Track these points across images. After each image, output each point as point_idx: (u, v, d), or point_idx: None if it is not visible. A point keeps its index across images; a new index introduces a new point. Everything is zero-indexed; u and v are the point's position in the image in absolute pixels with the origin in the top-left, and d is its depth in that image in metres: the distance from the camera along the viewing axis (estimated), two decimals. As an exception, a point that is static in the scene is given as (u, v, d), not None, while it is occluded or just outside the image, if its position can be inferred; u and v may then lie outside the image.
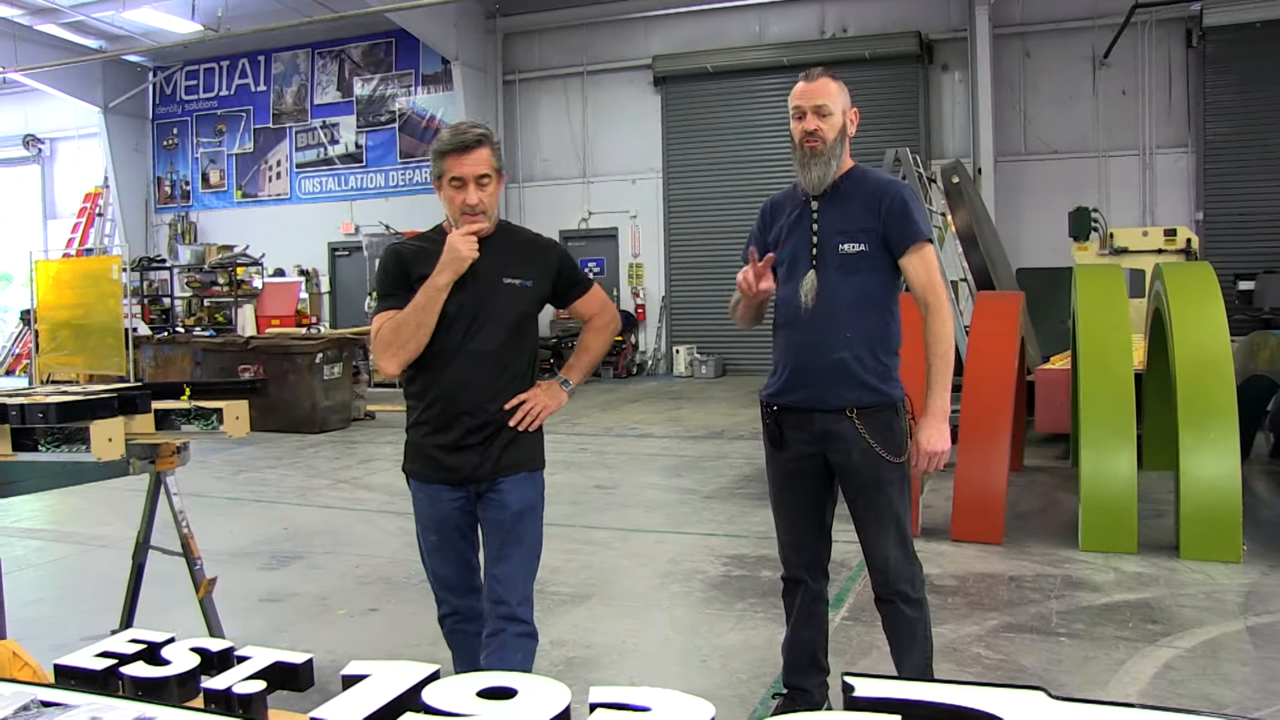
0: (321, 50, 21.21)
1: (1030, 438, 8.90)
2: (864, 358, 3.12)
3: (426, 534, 3.08)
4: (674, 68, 18.51)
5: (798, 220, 3.23)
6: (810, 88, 3.16)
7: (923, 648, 3.27)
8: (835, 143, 3.14)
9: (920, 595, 3.25)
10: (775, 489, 3.38)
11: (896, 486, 3.17)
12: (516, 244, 3.12)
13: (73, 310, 14.71)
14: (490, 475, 2.99)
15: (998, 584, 5.20)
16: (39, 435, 2.94)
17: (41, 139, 24.24)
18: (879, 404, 3.13)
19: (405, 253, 3.05)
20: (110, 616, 4.46)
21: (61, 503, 7.62)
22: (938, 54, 17.07)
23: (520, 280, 3.03)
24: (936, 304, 3.13)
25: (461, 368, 2.96)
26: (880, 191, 3.16)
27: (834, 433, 3.14)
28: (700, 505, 7.34)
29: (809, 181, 3.17)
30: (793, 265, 3.21)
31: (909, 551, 3.23)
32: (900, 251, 3.13)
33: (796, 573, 3.37)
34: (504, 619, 2.97)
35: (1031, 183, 16.27)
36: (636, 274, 19.25)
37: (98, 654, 1.69)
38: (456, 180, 2.90)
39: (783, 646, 3.48)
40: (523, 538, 3.03)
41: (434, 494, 3.03)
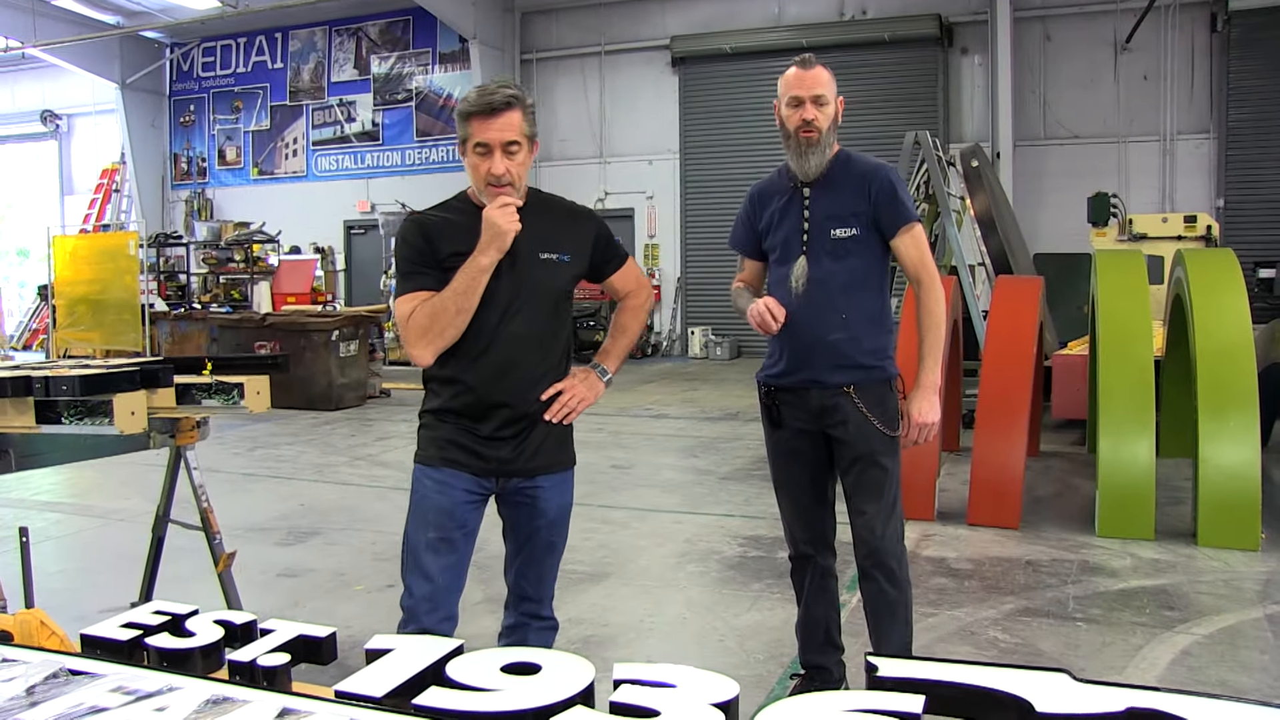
0: (339, 28, 21.17)
1: (1046, 423, 8.87)
2: (859, 338, 3.17)
3: (425, 530, 2.74)
4: (692, 48, 18.42)
5: (787, 206, 3.27)
6: (809, 76, 3.17)
7: (903, 632, 3.28)
8: (829, 131, 3.18)
9: (905, 575, 3.28)
10: (776, 468, 3.42)
11: (890, 461, 3.21)
12: (551, 214, 2.83)
13: (89, 286, 14.76)
14: (525, 471, 2.76)
15: (1014, 568, 5.19)
16: (62, 408, 2.95)
17: (59, 115, 24.28)
18: (873, 380, 3.18)
19: (429, 225, 2.73)
20: (129, 589, 4.49)
21: (80, 476, 7.66)
22: (957, 37, 16.94)
23: (558, 255, 2.77)
24: (929, 281, 3.20)
25: (500, 353, 2.69)
26: (869, 176, 3.20)
27: (830, 407, 3.18)
28: (716, 486, 7.34)
29: (804, 170, 3.20)
30: (785, 251, 3.25)
31: (898, 530, 3.26)
32: (891, 233, 3.18)
33: (803, 549, 3.40)
34: (529, 615, 2.90)
35: (1050, 168, 16.16)
36: (652, 255, 19.21)
37: (123, 624, 1.71)
38: (481, 146, 2.60)
39: (796, 627, 3.50)
40: (556, 544, 2.91)
41: (446, 481, 2.74)
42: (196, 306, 16.07)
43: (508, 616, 2.93)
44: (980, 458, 6.12)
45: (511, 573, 2.91)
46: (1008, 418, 6.10)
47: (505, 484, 2.77)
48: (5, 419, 3.08)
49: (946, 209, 9.83)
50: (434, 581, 2.71)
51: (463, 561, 2.79)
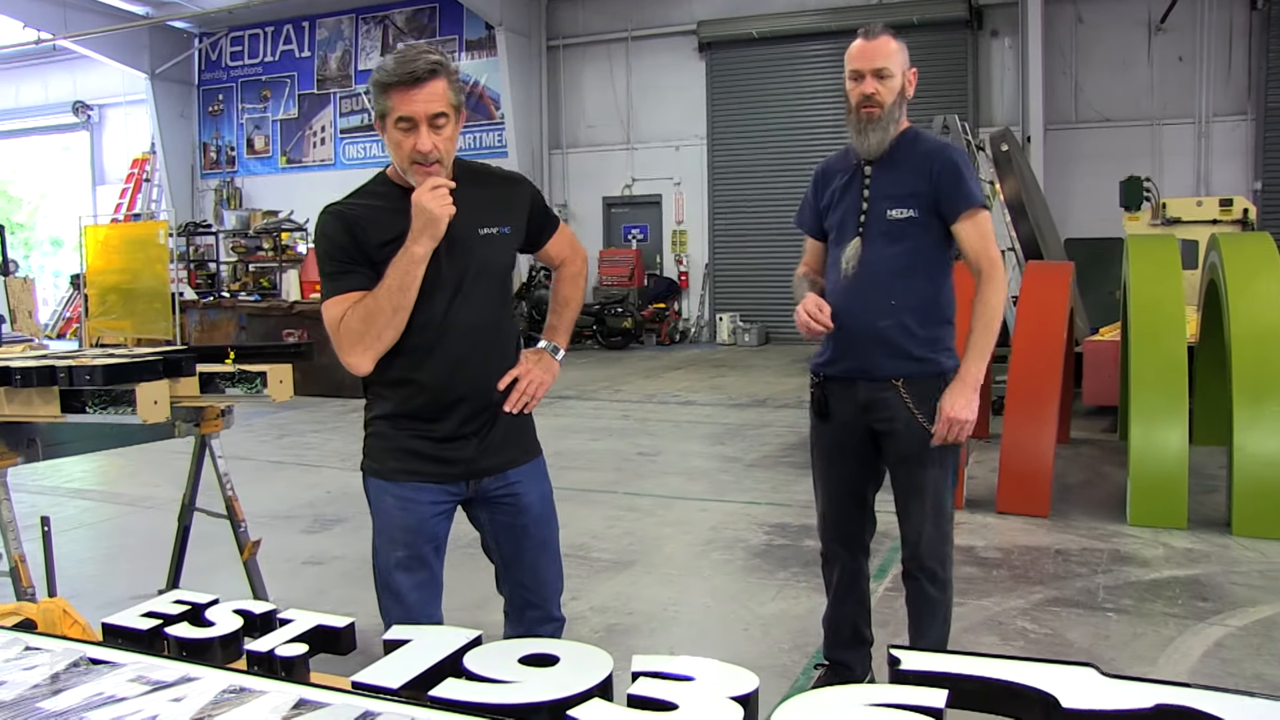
0: (365, 15, 21.22)
1: (1077, 410, 8.78)
2: (910, 326, 3.01)
3: (392, 549, 2.52)
4: (719, 33, 18.34)
5: (848, 185, 3.12)
6: (870, 47, 2.98)
7: (940, 630, 3.20)
8: (894, 106, 2.99)
9: (948, 576, 3.18)
10: (818, 460, 3.30)
11: (940, 461, 3.06)
12: (483, 184, 2.56)
13: (120, 275, 14.89)
14: (495, 468, 2.55)
15: (1043, 557, 5.13)
16: (86, 397, 2.96)
17: (90, 106, 24.53)
18: (925, 374, 3.02)
19: (352, 216, 2.44)
20: (157, 577, 4.52)
21: (110, 464, 7.74)
22: (987, 19, 16.77)
23: (498, 228, 2.52)
24: (990, 271, 2.98)
25: (451, 346, 2.46)
26: (932, 155, 3.02)
27: (878, 401, 3.05)
28: (743, 473, 7.31)
29: (865, 148, 3.03)
30: (841, 231, 3.11)
31: (944, 530, 3.14)
32: (952, 217, 2.99)
33: (833, 548, 3.31)
34: (537, 621, 2.69)
35: (1082, 151, 15.98)
36: (680, 241, 19.18)
37: (144, 614, 1.70)
38: (404, 121, 2.32)
39: (823, 620, 3.43)
40: (548, 541, 2.69)
41: (410, 497, 2.51)
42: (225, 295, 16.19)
43: (511, 626, 2.71)
44: (1009, 445, 6.06)
45: (507, 584, 2.70)
46: (1037, 404, 6.04)
47: (477, 486, 2.56)
48: (31, 408, 3.09)
49: (976, 194, 9.71)
50: (406, 601, 2.52)
51: (436, 576, 2.59)
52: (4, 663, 1.54)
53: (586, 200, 19.83)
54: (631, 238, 19.65)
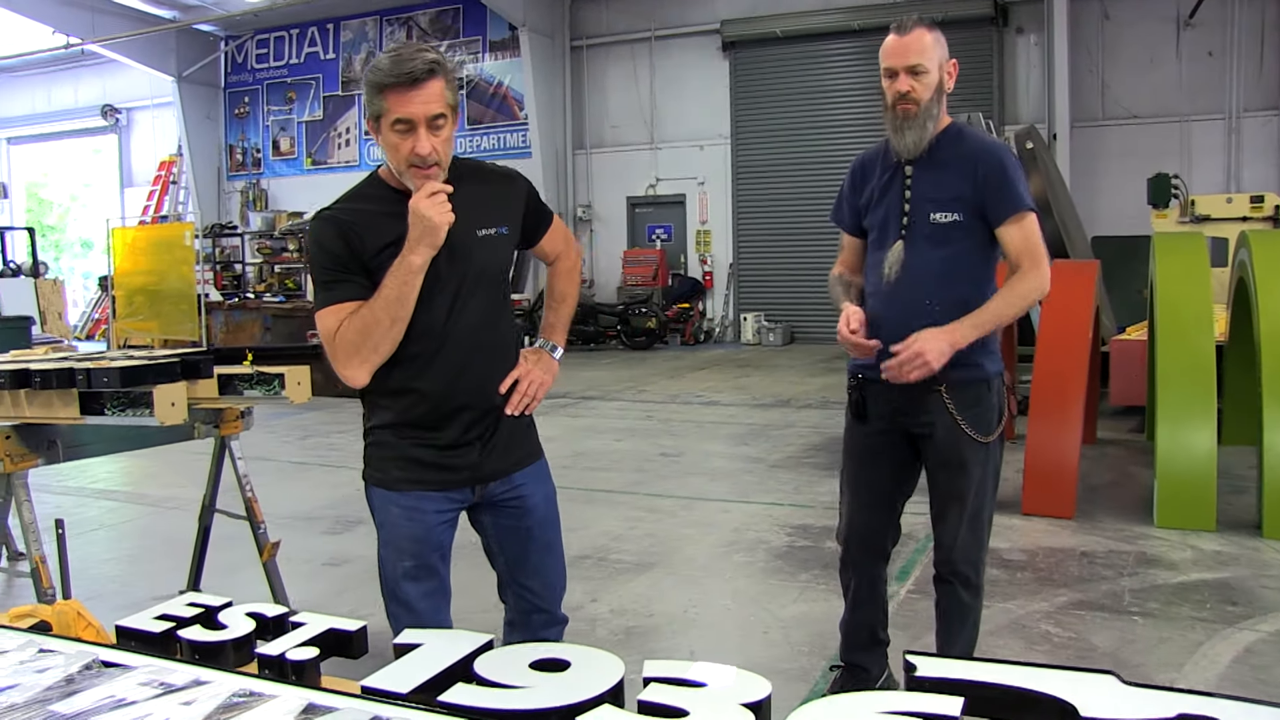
0: (389, 17, 21.31)
1: (1104, 410, 8.69)
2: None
3: (399, 559, 2.47)
4: (742, 32, 18.28)
5: (889, 185, 3.01)
6: (903, 43, 2.87)
7: (970, 636, 3.15)
8: (931, 102, 2.86)
9: (980, 582, 3.12)
10: (850, 463, 3.21)
11: (982, 467, 2.98)
12: (479, 183, 2.48)
13: (147, 276, 14.99)
14: (500, 472, 2.51)
15: (1068, 559, 5.07)
16: (105, 399, 2.97)
17: (119, 109, 24.77)
18: (968, 379, 2.93)
19: (346, 223, 2.35)
20: (179, 577, 4.54)
21: (135, 465, 7.79)
22: (1013, 16, 16.64)
23: (496, 228, 2.46)
24: (1032, 265, 2.85)
25: (455, 352, 2.41)
26: (978, 156, 2.89)
27: (919, 405, 2.96)
28: (766, 474, 7.27)
29: (903, 147, 2.92)
30: (882, 233, 3.01)
31: (980, 536, 3.07)
32: (998, 221, 2.87)
33: (854, 554, 3.24)
34: (544, 626, 2.65)
35: (1109, 149, 15.82)
36: (704, 241, 19.15)
37: (157, 616, 1.70)
38: (402, 123, 2.24)
39: (841, 624, 3.37)
40: (552, 544, 2.65)
41: (415, 506, 2.46)
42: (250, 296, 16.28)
43: (519, 634, 2.64)
44: (1034, 445, 5.99)
45: (512, 590, 2.64)
46: (1062, 404, 5.97)
47: (483, 491, 2.52)
48: (51, 410, 3.11)
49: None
50: (416, 610, 2.46)
51: (444, 583, 2.55)
52: (18, 665, 1.55)
53: (610, 200, 19.83)
54: (656, 238, 19.64)
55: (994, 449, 3.01)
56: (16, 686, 1.46)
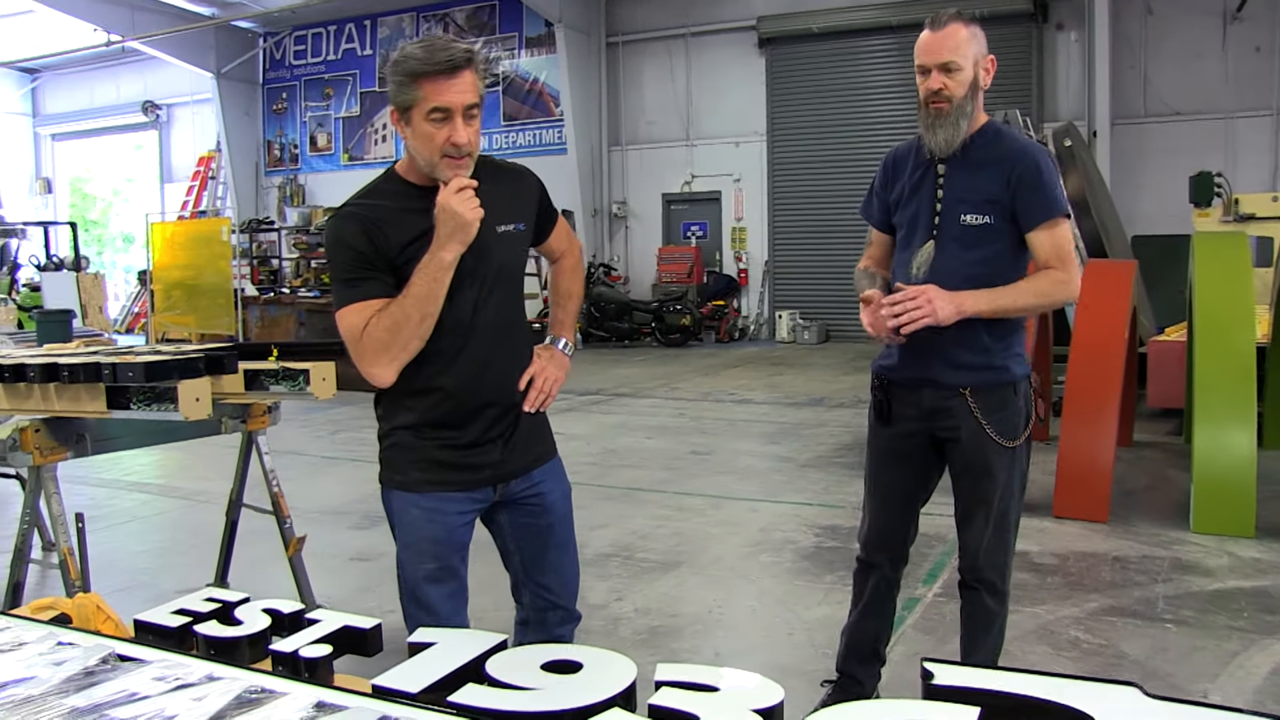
0: (426, 14, 21.41)
1: (1141, 412, 8.57)
2: (980, 336, 2.85)
3: (420, 561, 2.45)
4: (779, 29, 18.21)
5: (921, 183, 2.94)
6: (936, 39, 2.80)
7: (995, 642, 3.10)
8: (965, 100, 2.80)
9: (1006, 589, 3.07)
10: (874, 465, 3.17)
11: (1007, 472, 2.93)
12: (494, 179, 2.45)
13: (185, 271, 15.17)
14: (521, 470, 2.50)
15: (1100, 564, 5.00)
16: (132, 394, 2.99)
17: (160, 105, 25.11)
18: (994, 383, 2.89)
19: (369, 219, 2.32)
20: (208, 570, 4.58)
21: (168, 458, 7.87)
22: (1053, 12, 16.45)
23: (514, 225, 2.46)
24: (1060, 268, 2.80)
25: (478, 349, 2.40)
26: (1013, 158, 2.83)
27: (943, 409, 2.91)
28: (796, 473, 7.23)
29: (935, 145, 2.86)
30: (910, 232, 2.95)
31: (1006, 541, 3.02)
32: (1029, 225, 2.81)
33: (876, 557, 3.20)
34: (561, 622, 2.64)
35: (1150, 146, 15.60)
36: (739, 238, 19.10)
37: (175, 611, 1.71)
38: (439, 112, 2.23)
39: (844, 630, 3.31)
40: (568, 542, 2.64)
41: (437, 508, 2.44)
42: (285, 291, 16.41)
43: (532, 633, 2.64)
44: (1067, 447, 5.91)
45: (528, 589, 2.63)
46: (1097, 406, 5.89)
47: (504, 490, 2.51)
48: (79, 404, 3.14)
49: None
50: (437, 613, 2.45)
51: (463, 584, 2.53)
52: (36, 656, 1.57)
53: (646, 197, 19.82)
54: (691, 235, 19.61)
55: (1020, 453, 2.96)
56: (34, 679, 1.47)
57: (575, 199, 18.53)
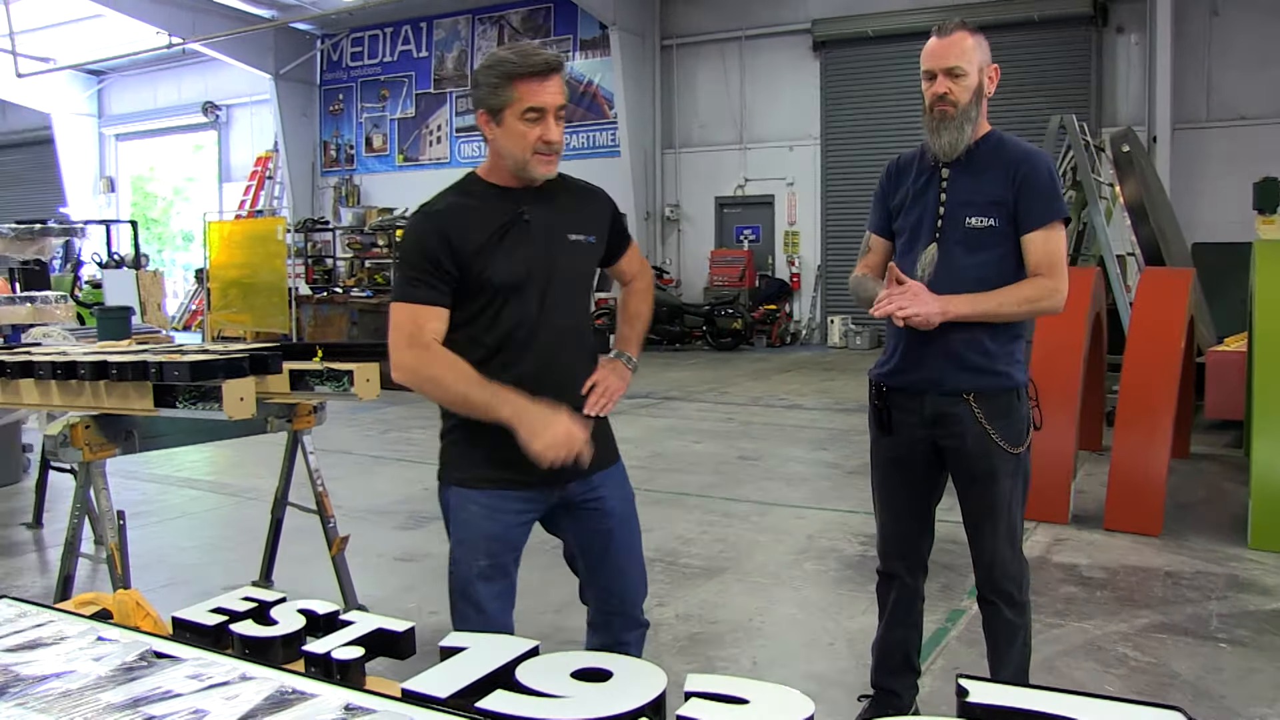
0: (481, 16, 21.56)
1: (1199, 423, 8.40)
2: (983, 340, 2.86)
3: (474, 558, 2.49)
4: (833, 32, 18.11)
5: (925, 187, 2.97)
6: (942, 46, 2.86)
7: (1021, 654, 3.06)
8: (969, 105, 2.84)
9: (1025, 599, 3.04)
10: (879, 475, 3.16)
11: (1012, 479, 2.93)
12: (569, 192, 2.58)
13: (241, 270, 15.39)
14: (583, 473, 2.50)
15: (1152, 579, 4.89)
16: (179, 392, 3.03)
17: (219, 106, 25.51)
18: (998, 389, 2.90)
19: (449, 220, 2.44)
20: (253, 567, 4.64)
21: (220, 455, 7.98)
22: (1113, 15, 16.17)
23: (585, 236, 2.57)
24: (1049, 275, 2.82)
25: (543, 350, 2.48)
26: (1018, 161, 2.86)
27: (948, 416, 2.91)
28: (843, 480, 7.17)
29: (939, 148, 2.89)
30: (914, 235, 2.97)
31: (1018, 550, 3.01)
32: (1027, 227, 2.83)
33: (894, 567, 3.18)
34: (626, 628, 2.69)
35: (1213, 151, 15.26)
36: (792, 242, 19.02)
37: (212, 609, 1.73)
38: (534, 111, 2.35)
39: (873, 645, 3.29)
40: (631, 548, 2.68)
41: (496, 505, 2.49)
42: (339, 290, 16.58)
43: (598, 636, 2.70)
44: (1120, 457, 5.80)
45: (593, 591, 2.69)
46: (1150, 416, 5.77)
47: (562, 493, 2.55)
48: (128, 401, 3.19)
49: (1094, 197, 9.38)
50: (485, 611, 2.48)
51: (513, 585, 2.58)
52: (77, 650, 1.60)
53: (698, 200, 19.79)
54: (743, 238, 19.55)
55: (1024, 459, 2.96)
56: (73, 673, 1.50)
57: (628, 202, 18.54)
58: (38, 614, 1.76)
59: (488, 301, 2.44)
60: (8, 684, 1.46)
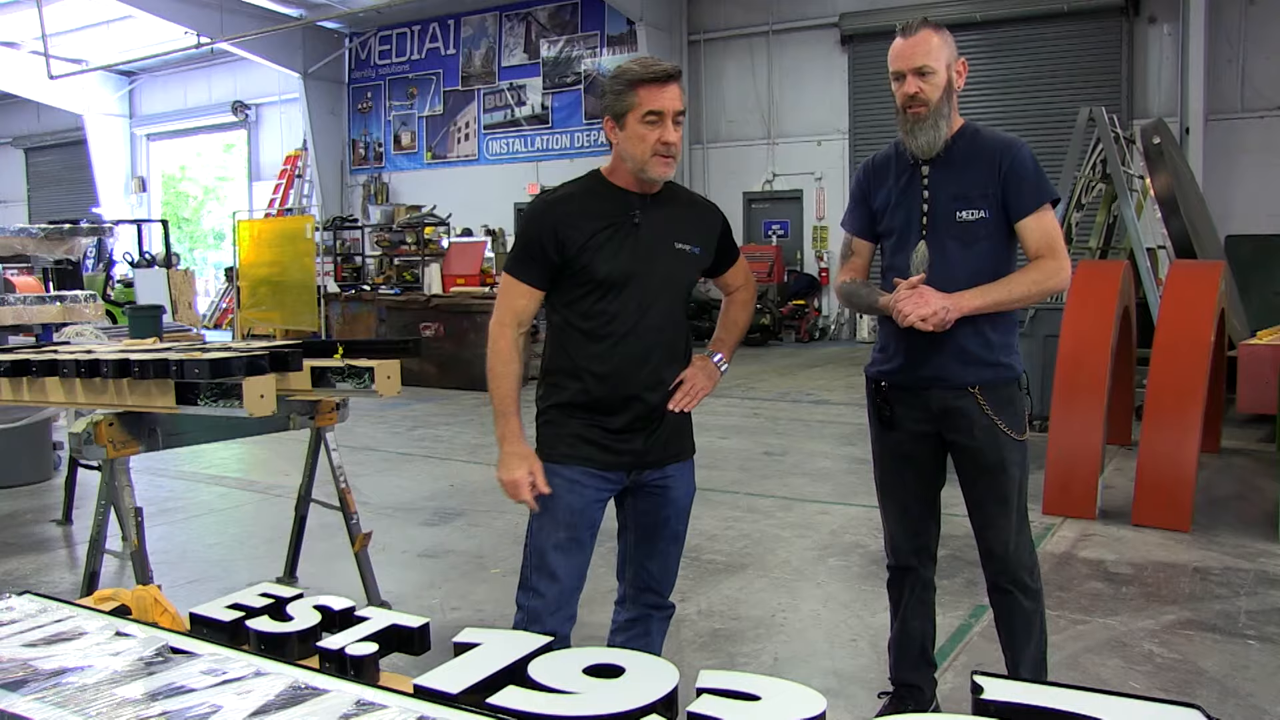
0: (509, 13, 21.59)
1: (1230, 417, 8.29)
2: (985, 331, 2.88)
3: (553, 530, 2.69)
4: (861, 25, 17.99)
5: (908, 186, 2.97)
6: (907, 46, 2.89)
7: (1039, 642, 3.05)
8: (941, 102, 2.86)
9: (1038, 585, 3.04)
10: (883, 471, 3.17)
11: (1019, 467, 2.95)
12: (682, 204, 2.80)
13: (270, 268, 15.46)
14: (658, 462, 2.74)
15: (1180, 575, 4.83)
16: (200, 390, 3.06)
17: (249, 105, 25.69)
18: (1001, 380, 2.91)
19: (564, 210, 2.65)
20: (279, 564, 4.67)
21: (247, 452, 8.04)
22: (1144, 5, 15.96)
23: (690, 246, 2.74)
24: (1051, 256, 2.83)
25: (636, 348, 2.66)
26: (999, 151, 2.87)
27: (954, 410, 2.92)
28: (869, 475, 6.98)
29: (918, 148, 2.90)
30: (903, 236, 2.96)
31: (1027, 537, 3.02)
32: (1019, 214, 2.85)
33: (906, 560, 3.18)
34: (651, 607, 2.88)
35: (1247, 142, 15.04)
36: (821, 237, 18.94)
37: (229, 605, 1.74)
38: (654, 115, 2.56)
39: (890, 642, 3.29)
40: (681, 533, 2.88)
41: (578, 480, 2.68)
42: (366, 288, 16.65)
43: (626, 611, 2.89)
44: (1148, 452, 5.74)
45: (632, 566, 2.86)
46: (1179, 410, 5.70)
47: (636, 477, 2.74)
48: (150, 399, 3.22)
49: (1124, 190, 9.28)
50: (561, 583, 2.69)
51: (587, 560, 2.76)
52: (95, 645, 1.62)
53: (726, 195, 19.71)
54: (772, 233, 19.49)
55: (1027, 447, 2.99)
56: (90, 668, 1.52)
57: (654, 197, 18.50)
58: (59, 609, 1.79)
59: (589, 291, 2.64)
60: (27, 678, 1.49)
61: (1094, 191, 9.95)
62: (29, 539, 5.77)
